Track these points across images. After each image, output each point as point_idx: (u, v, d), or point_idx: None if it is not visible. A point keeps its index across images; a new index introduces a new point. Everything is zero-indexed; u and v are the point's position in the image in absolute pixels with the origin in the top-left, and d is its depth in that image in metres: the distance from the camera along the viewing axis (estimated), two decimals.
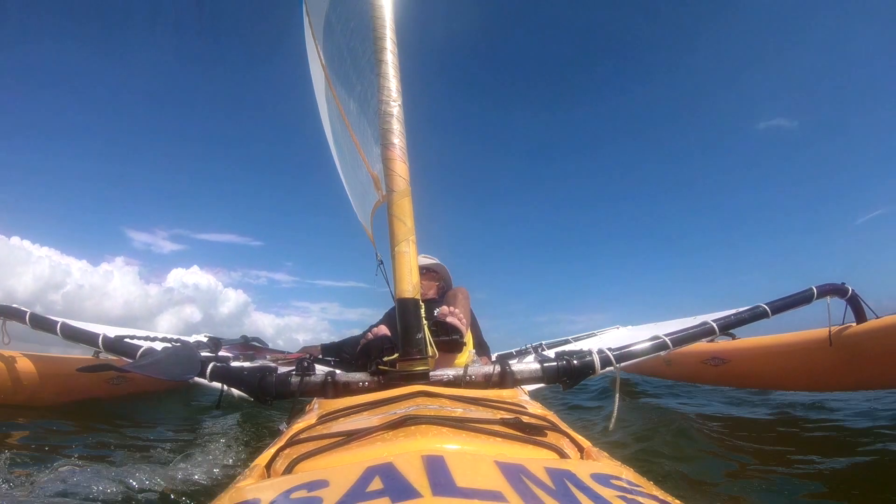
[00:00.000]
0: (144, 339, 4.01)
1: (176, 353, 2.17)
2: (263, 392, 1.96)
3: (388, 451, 0.81)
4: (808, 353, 3.49)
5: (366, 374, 1.89)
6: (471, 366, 1.97)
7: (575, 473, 0.72)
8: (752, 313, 2.71)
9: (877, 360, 3.06)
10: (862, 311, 3.18)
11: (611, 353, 2.17)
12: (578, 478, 0.71)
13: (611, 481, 0.73)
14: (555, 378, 2.05)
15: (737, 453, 2.72)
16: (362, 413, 1.21)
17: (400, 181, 1.95)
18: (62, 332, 2.84)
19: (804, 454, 2.66)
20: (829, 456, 2.58)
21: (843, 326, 3.23)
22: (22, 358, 3.65)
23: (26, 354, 3.76)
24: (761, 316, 2.71)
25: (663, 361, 5.03)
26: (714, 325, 2.55)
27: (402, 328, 1.81)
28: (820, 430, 3.22)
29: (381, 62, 2.12)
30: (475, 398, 1.29)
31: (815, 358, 3.45)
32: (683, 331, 2.48)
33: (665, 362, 5.07)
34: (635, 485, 0.76)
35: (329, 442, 0.91)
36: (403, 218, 1.90)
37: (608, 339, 5.62)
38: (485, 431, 0.91)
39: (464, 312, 2.71)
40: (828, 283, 3.05)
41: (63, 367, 3.97)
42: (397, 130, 2.02)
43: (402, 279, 1.85)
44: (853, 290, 3.11)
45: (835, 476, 2.30)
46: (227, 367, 2.13)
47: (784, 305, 2.81)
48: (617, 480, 0.75)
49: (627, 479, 0.78)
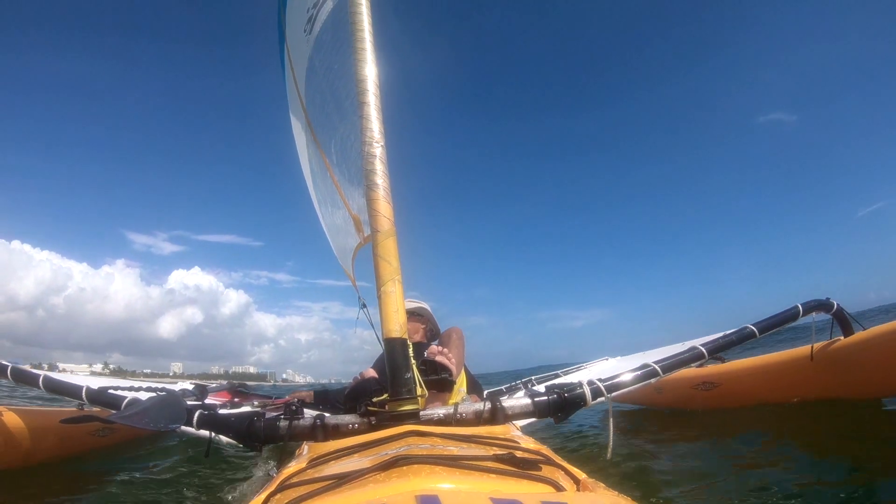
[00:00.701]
0: (129, 388, 3.95)
1: (161, 402, 2.13)
2: (252, 437, 1.92)
3: (382, 492, 0.80)
4: (793, 370, 3.55)
5: (355, 415, 1.87)
6: (461, 403, 1.96)
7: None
8: (739, 335, 2.73)
9: (864, 371, 3.11)
10: (848, 325, 3.23)
11: (601, 383, 2.17)
12: None
13: None
14: (546, 412, 2.04)
15: (734, 479, 2.70)
16: (353, 455, 1.20)
17: (384, 221, 1.97)
18: (45, 385, 2.77)
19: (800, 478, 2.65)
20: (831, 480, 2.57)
21: (829, 341, 3.29)
22: (7, 412, 3.57)
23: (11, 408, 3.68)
24: (749, 337, 2.73)
25: (654, 389, 5.02)
26: (703, 350, 2.56)
27: (391, 368, 1.80)
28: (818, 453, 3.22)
29: (363, 104, 2.16)
30: (467, 435, 1.28)
31: (799, 375, 3.51)
32: (672, 357, 2.49)
33: (656, 390, 5.05)
34: None
35: (321, 485, 0.90)
36: (388, 258, 1.92)
37: (597, 370, 5.61)
38: (478, 468, 0.90)
39: (456, 353, 2.69)
40: (813, 300, 3.09)
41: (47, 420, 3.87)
42: (381, 171, 2.05)
43: (389, 319, 1.85)
44: (838, 305, 3.16)
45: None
46: (215, 414, 2.09)
47: (771, 325, 2.83)
48: None
49: None
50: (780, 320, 2.89)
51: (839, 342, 3.23)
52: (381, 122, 2.15)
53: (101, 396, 2.53)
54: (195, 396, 4.08)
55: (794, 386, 3.58)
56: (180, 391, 4.20)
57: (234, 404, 4.58)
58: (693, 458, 3.12)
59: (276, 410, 2.73)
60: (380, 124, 2.14)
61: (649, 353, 5.01)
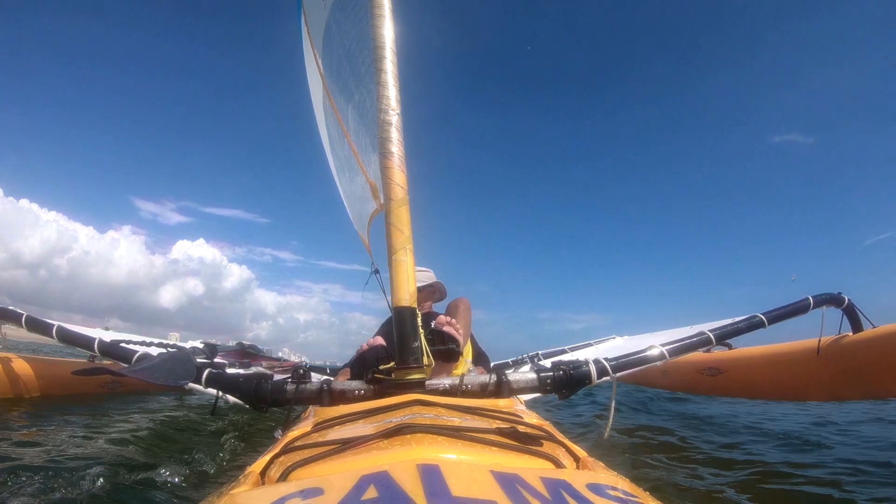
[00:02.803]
0: (140, 343, 4.01)
1: (172, 358, 2.16)
2: (259, 399, 1.95)
3: (384, 459, 0.81)
4: (799, 363, 3.51)
5: (361, 382, 1.88)
6: (467, 375, 1.96)
7: (570, 483, 0.72)
8: (748, 323, 2.71)
9: (872, 369, 3.07)
10: (858, 321, 3.19)
11: (607, 362, 2.16)
12: (574, 487, 0.71)
13: (607, 491, 0.73)
14: (551, 388, 2.04)
15: (734, 463, 2.72)
16: (358, 421, 1.21)
17: (398, 190, 1.95)
18: (58, 335, 2.82)
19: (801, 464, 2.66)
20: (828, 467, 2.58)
21: (838, 336, 3.25)
22: (18, 359, 3.64)
23: (22, 356, 3.75)
24: (758, 326, 2.71)
25: (660, 371, 5.03)
26: (710, 335, 2.54)
27: (399, 337, 1.81)
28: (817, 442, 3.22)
29: (380, 71, 2.12)
30: (471, 407, 1.29)
31: (804, 368, 3.47)
32: (680, 341, 2.48)
33: (661, 372, 5.06)
34: (631, 495, 0.76)
35: (324, 450, 0.91)
36: (401, 227, 1.90)
37: (605, 348, 5.60)
38: (480, 441, 0.91)
39: (464, 324, 2.69)
40: (824, 293, 3.06)
41: (59, 369, 3.96)
42: (396, 139, 2.02)
43: (400, 288, 1.85)
44: (849, 300, 3.12)
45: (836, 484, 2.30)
46: (223, 373, 2.12)
47: (780, 315, 2.81)
48: (613, 490, 0.75)
49: (624, 489, 0.78)
50: (789, 311, 2.86)
51: (848, 338, 3.19)
52: (397, 90, 2.11)
53: (113, 349, 2.57)
54: (205, 355, 4.15)
55: (800, 379, 3.54)
56: (191, 349, 4.27)
57: (243, 365, 4.66)
58: (693, 442, 3.13)
59: (284, 373, 2.77)
60: (396, 92, 2.10)
61: (657, 334, 4.99)
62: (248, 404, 2.00)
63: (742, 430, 3.76)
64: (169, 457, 2.64)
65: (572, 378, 2.06)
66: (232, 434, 3.37)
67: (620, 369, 2.21)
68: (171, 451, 2.86)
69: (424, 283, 3.50)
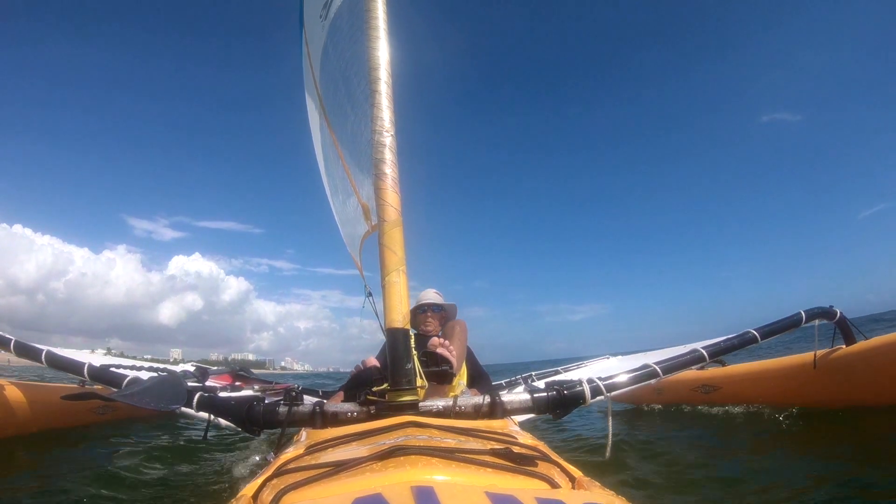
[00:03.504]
0: (130, 367, 3.97)
1: (162, 382, 2.14)
2: (251, 422, 1.93)
3: (377, 481, 0.80)
4: (795, 377, 3.53)
5: (354, 404, 1.87)
6: (460, 396, 1.96)
7: (566, 503, 0.72)
8: (741, 339, 2.73)
9: (865, 381, 3.09)
10: (850, 333, 3.22)
11: (601, 382, 2.16)
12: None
13: None
14: (545, 408, 2.04)
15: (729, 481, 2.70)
16: (351, 443, 1.20)
17: (391, 211, 1.96)
18: (47, 360, 2.79)
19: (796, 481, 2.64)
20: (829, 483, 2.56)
21: (831, 349, 3.27)
22: (9, 386, 3.60)
23: (12, 382, 3.71)
24: (750, 342, 2.73)
25: (654, 390, 5.03)
26: (704, 352, 2.56)
27: (392, 358, 1.80)
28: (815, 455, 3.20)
29: (374, 92, 2.14)
30: (465, 428, 1.28)
31: (800, 382, 3.49)
32: (673, 359, 2.49)
33: (656, 391, 5.06)
34: None
35: (317, 472, 0.90)
36: (394, 248, 1.91)
37: (598, 369, 5.60)
38: (475, 462, 0.90)
39: (458, 346, 2.69)
40: (816, 307, 3.08)
41: (49, 394, 3.91)
42: (390, 161, 2.03)
43: (393, 309, 1.85)
44: (841, 313, 3.15)
45: None
46: (214, 396, 2.10)
47: (773, 330, 2.83)
48: None
49: None
50: (782, 326, 2.88)
51: (842, 350, 3.22)
52: (391, 112, 2.13)
53: (103, 374, 2.55)
54: (196, 378, 4.11)
55: (796, 393, 3.56)
56: (181, 372, 4.22)
57: (235, 388, 4.61)
58: (690, 461, 3.12)
59: (276, 395, 2.75)
60: (391, 113, 2.12)
61: (650, 353, 5.00)
62: (241, 427, 1.98)
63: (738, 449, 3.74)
64: (161, 484, 2.59)
65: (566, 398, 2.06)
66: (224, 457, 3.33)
67: (614, 388, 2.21)
68: (164, 478, 2.81)
69: (439, 302, 3.50)
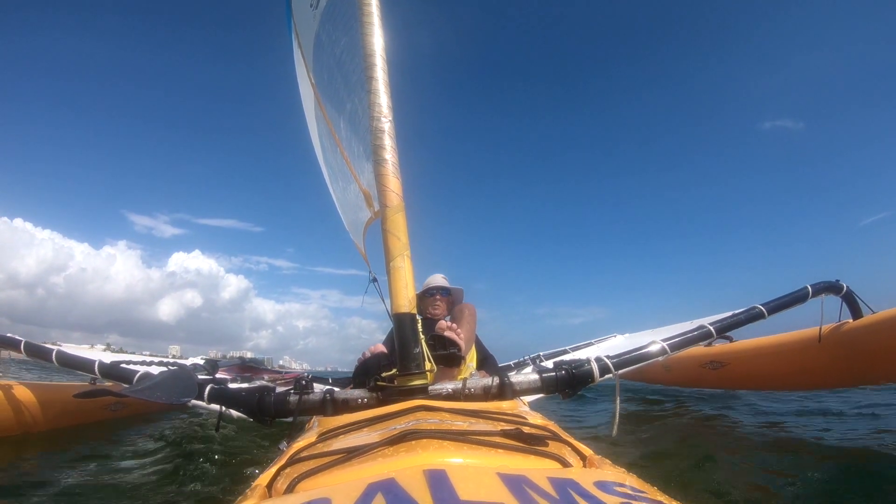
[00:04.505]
0: (140, 363, 3.99)
1: (173, 376, 2.15)
2: (262, 412, 1.94)
3: (390, 466, 0.80)
4: (800, 352, 3.52)
5: (364, 390, 1.88)
6: (469, 379, 1.96)
7: (578, 482, 0.72)
8: (748, 315, 2.72)
9: (873, 355, 3.08)
10: (857, 308, 3.20)
11: (609, 360, 2.16)
12: (581, 486, 0.71)
13: (614, 488, 0.73)
14: (554, 388, 2.04)
15: (739, 456, 2.71)
16: (362, 429, 1.21)
17: (393, 197, 1.95)
18: (57, 359, 2.81)
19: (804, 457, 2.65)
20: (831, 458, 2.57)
21: (838, 323, 3.25)
22: (19, 386, 3.63)
23: (23, 383, 3.74)
24: (757, 317, 2.72)
25: (662, 367, 5.04)
26: (711, 329, 2.55)
27: (400, 343, 1.81)
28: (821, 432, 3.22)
29: (370, 78, 2.12)
30: (475, 411, 1.29)
31: (806, 356, 3.48)
32: (681, 335, 2.48)
33: (664, 368, 5.07)
34: (639, 490, 0.76)
35: (330, 459, 0.91)
36: (398, 233, 1.90)
37: (606, 347, 5.61)
38: (486, 443, 0.90)
39: (467, 328, 2.70)
40: (822, 281, 3.07)
41: (60, 394, 3.94)
42: (389, 146, 2.02)
43: (398, 294, 1.85)
44: (848, 287, 3.14)
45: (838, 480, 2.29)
46: (225, 388, 2.12)
47: (780, 305, 2.82)
48: (620, 487, 0.75)
49: (631, 485, 0.78)
50: (789, 301, 2.87)
51: (848, 325, 3.20)
52: (389, 97, 2.11)
53: (114, 371, 2.57)
54: (206, 371, 4.13)
55: (802, 367, 3.56)
56: (191, 366, 4.25)
57: (245, 379, 4.65)
58: (699, 437, 3.13)
59: (285, 385, 2.76)
60: (388, 98, 2.10)
61: (658, 330, 5.00)
62: (252, 418, 1.99)
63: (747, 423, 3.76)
64: (176, 478, 2.62)
65: (575, 377, 2.06)
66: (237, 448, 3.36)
67: (622, 366, 2.22)
68: (178, 471, 2.84)
69: (445, 286, 3.50)
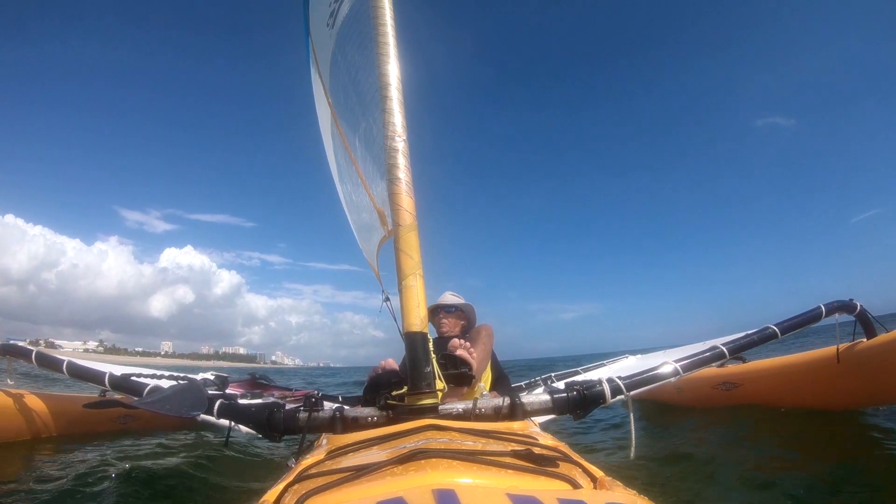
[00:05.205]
0: (151, 376, 4.02)
1: (183, 389, 2.17)
2: (271, 428, 1.95)
3: (399, 485, 0.80)
4: (817, 372, 3.48)
5: (374, 408, 1.87)
6: (480, 398, 1.96)
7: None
8: (761, 335, 2.70)
9: (886, 374, 3.03)
10: (871, 327, 3.17)
11: (621, 381, 2.15)
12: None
13: None
14: (565, 409, 2.03)
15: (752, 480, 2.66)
16: (371, 448, 1.20)
17: (406, 215, 1.96)
18: (68, 370, 2.84)
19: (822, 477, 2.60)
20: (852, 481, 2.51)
21: (852, 343, 3.21)
22: (29, 395, 3.65)
23: (34, 392, 3.75)
24: (771, 337, 2.69)
25: (674, 389, 4.97)
26: (724, 349, 2.53)
27: (411, 362, 1.81)
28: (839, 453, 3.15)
29: (385, 98, 2.15)
30: (485, 431, 1.28)
31: (823, 376, 3.43)
32: (693, 356, 2.46)
33: (676, 389, 5.00)
34: None
35: (338, 477, 0.91)
36: (410, 252, 1.91)
37: (618, 368, 5.56)
38: (496, 464, 0.90)
39: (482, 349, 2.68)
40: (836, 301, 3.04)
41: (70, 404, 3.95)
42: (403, 165, 2.04)
43: (410, 313, 1.85)
44: (861, 306, 3.11)
45: None
46: (235, 403, 2.12)
47: (793, 325, 2.79)
48: None
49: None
50: (802, 321, 2.85)
51: (864, 344, 3.16)
52: (403, 117, 2.13)
53: (124, 383, 2.59)
54: (216, 386, 4.15)
55: (819, 388, 3.51)
56: (201, 380, 4.27)
57: (255, 395, 4.65)
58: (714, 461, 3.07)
59: (295, 402, 2.76)
60: (402, 118, 2.13)
61: (670, 351, 4.95)
62: (261, 434, 1.99)
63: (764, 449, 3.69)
64: (183, 492, 2.61)
65: (586, 398, 2.05)
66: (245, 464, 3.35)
67: (634, 388, 2.20)
68: (185, 485, 2.83)
69: (452, 303, 3.50)
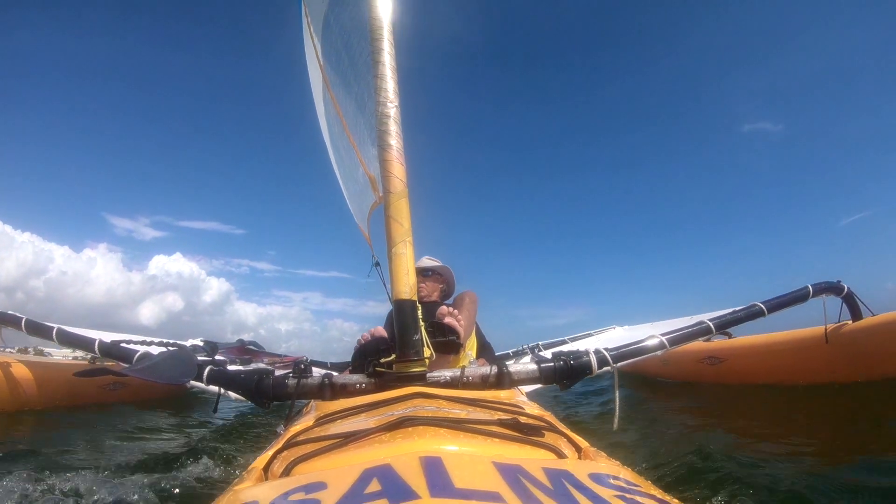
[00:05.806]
0: (140, 343, 4.01)
1: (173, 356, 2.17)
2: (260, 394, 1.95)
3: (386, 452, 0.81)
4: (805, 350, 3.53)
5: (363, 375, 1.88)
6: (468, 367, 1.97)
7: (573, 473, 0.72)
8: (748, 312, 2.72)
9: (873, 356, 3.10)
10: (857, 309, 3.21)
11: (607, 352, 2.17)
12: (576, 478, 0.71)
13: (609, 481, 0.73)
14: (552, 378, 2.05)
15: (735, 452, 2.72)
16: (359, 415, 1.21)
17: (397, 183, 1.94)
18: (58, 337, 2.83)
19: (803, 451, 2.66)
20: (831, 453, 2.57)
21: (839, 324, 3.26)
22: (17, 364, 3.61)
23: (21, 360, 3.72)
24: (757, 315, 2.72)
25: (660, 361, 5.05)
26: (710, 325, 2.55)
27: (399, 329, 1.81)
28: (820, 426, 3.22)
29: (378, 63, 2.10)
30: (472, 399, 1.29)
31: (810, 355, 3.48)
32: (680, 330, 2.48)
33: (662, 362, 5.08)
34: (633, 484, 0.76)
35: (326, 444, 0.91)
36: (400, 219, 1.90)
37: (605, 339, 5.63)
38: (482, 432, 0.91)
39: (467, 316, 2.69)
40: (823, 282, 3.07)
41: (59, 372, 3.92)
42: (394, 132, 2.01)
43: (399, 280, 1.84)
44: (849, 289, 3.15)
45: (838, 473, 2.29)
46: (224, 370, 2.13)
47: (780, 304, 2.82)
48: (615, 480, 0.75)
49: (626, 478, 0.78)
50: (789, 300, 2.88)
51: (851, 325, 3.21)
52: (395, 82, 2.09)
53: (114, 349, 2.58)
54: (206, 352, 4.15)
55: (805, 367, 3.57)
56: (191, 347, 4.27)
57: (244, 362, 4.66)
58: (696, 432, 3.14)
59: (284, 368, 2.77)
60: (394, 84, 2.08)
61: (657, 324, 5.01)
62: (250, 400, 2.00)
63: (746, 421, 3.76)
64: (171, 459, 2.63)
65: (573, 368, 2.07)
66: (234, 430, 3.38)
67: (621, 359, 2.22)
68: (174, 451, 2.86)
69: (428, 266, 3.51)
